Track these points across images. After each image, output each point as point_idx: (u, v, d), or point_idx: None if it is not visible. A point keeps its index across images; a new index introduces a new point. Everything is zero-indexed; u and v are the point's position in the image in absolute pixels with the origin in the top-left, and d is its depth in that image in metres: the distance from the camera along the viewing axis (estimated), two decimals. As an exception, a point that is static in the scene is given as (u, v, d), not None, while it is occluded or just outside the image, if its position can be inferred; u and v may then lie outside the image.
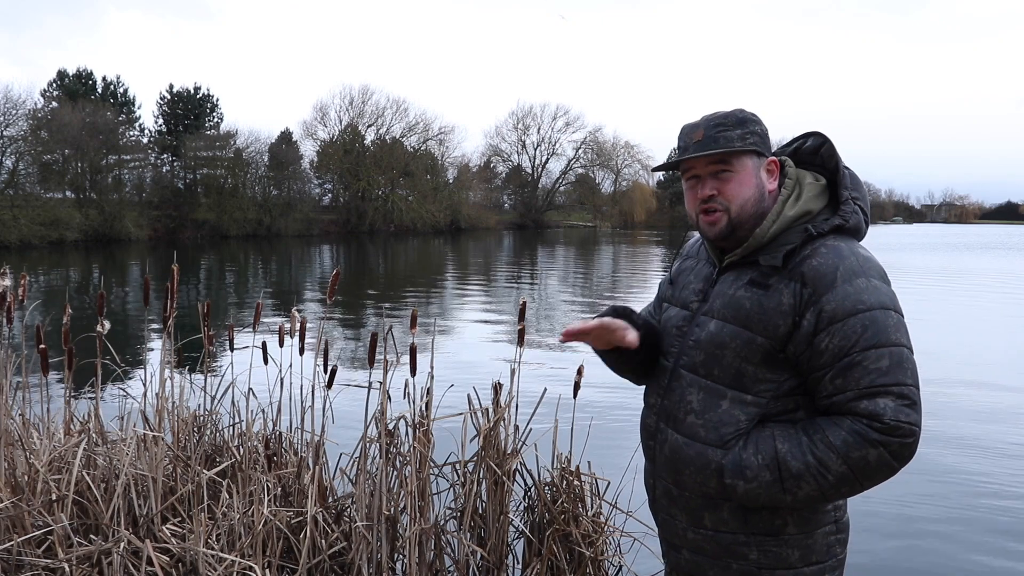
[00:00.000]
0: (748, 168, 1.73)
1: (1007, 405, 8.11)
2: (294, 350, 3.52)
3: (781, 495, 1.63)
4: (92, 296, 16.43)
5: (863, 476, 1.59)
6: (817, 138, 1.82)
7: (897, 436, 1.55)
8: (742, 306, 1.69)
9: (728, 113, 1.75)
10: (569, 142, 78.69)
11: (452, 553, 3.31)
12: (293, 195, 53.75)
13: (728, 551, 1.73)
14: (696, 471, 1.73)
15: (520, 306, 3.39)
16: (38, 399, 3.53)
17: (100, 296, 3.43)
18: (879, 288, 1.63)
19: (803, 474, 1.60)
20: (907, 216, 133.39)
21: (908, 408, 1.57)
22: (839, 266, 1.63)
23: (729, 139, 1.71)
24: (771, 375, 1.68)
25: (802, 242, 1.68)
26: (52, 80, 50.74)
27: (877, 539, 4.72)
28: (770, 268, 1.69)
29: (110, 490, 3.11)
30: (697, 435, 1.73)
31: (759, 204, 1.73)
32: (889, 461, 1.57)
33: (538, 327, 13.03)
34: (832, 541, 1.74)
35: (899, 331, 1.61)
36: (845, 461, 1.57)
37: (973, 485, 5.68)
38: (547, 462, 3.38)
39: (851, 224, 1.72)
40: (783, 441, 1.64)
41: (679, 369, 1.79)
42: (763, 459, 1.64)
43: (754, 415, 1.69)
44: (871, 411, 1.56)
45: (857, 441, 1.57)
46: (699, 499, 1.75)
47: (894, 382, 1.57)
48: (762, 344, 1.66)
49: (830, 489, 1.61)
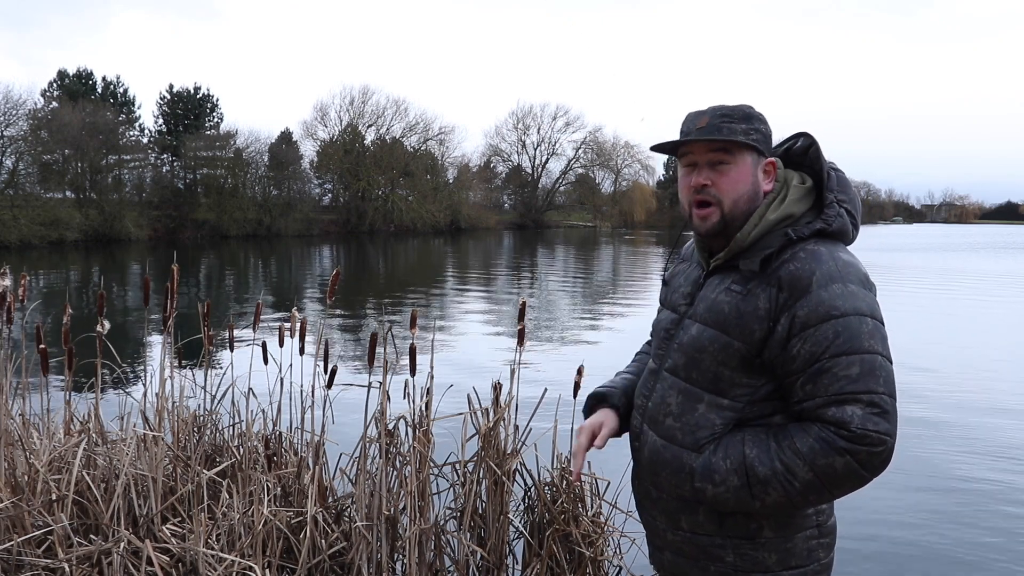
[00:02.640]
0: (747, 163, 1.71)
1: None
2: (294, 350, 3.52)
3: (749, 500, 1.62)
4: (92, 296, 16.44)
5: (830, 484, 1.56)
6: (806, 139, 1.80)
7: (864, 444, 1.52)
8: (721, 310, 1.68)
9: (736, 106, 1.73)
10: (569, 142, 78.77)
11: (452, 553, 3.32)
12: (293, 195, 53.68)
13: (705, 553, 1.72)
14: (672, 474, 1.72)
15: (520, 306, 3.39)
16: (38, 399, 3.53)
17: (100, 296, 3.43)
18: (856, 294, 1.60)
19: (770, 480, 1.58)
20: (907, 216, 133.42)
21: (877, 416, 1.53)
22: (816, 271, 1.60)
23: (733, 131, 1.69)
24: (748, 380, 1.67)
25: (782, 246, 1.66)
26: (52, 80, 50.88)
27: (879, 539, 4.72)
28: (750, 272, 1.67)
29: (110, 490, 3.11)
30: (674, 438, 1.72)
31: (752, 203, 1.71)
32: (857, 469, 1.54)
33: (538, 327, 13.04)
34: (814, 545, 1.71)
35: (873, 338, 1.57)
36: (812, 468, 1.55)
37: (977, 485, 5.68)
38: (547, 462, 3.38)
39: (834, 228, 1.69)
40: (752, 446, 1.62)
41: (663, 371, 1.79)
42: (731, 463, 1.62)
43: (730, 419, 1.68)
44: (838, 418, 1.53)
45: (824, 448, 1.54)
46: (676, 501, 1.75)
47: (864, 389, 1.54)
48: (739, 349, 1.65)
49: (797, 496, 1.58)
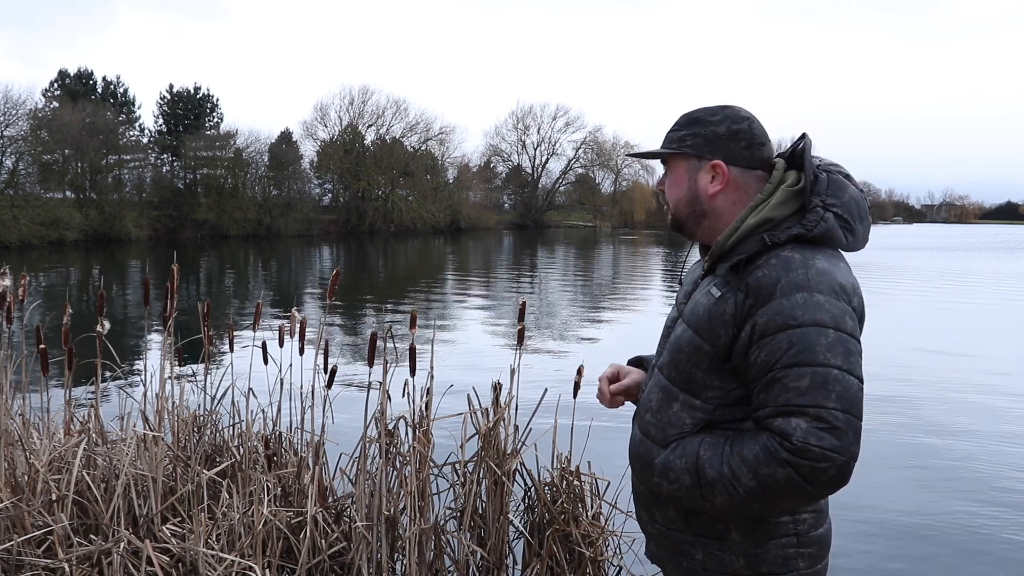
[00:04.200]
0: (680, 170, 1.78)
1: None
2: (294, 350, 3.52)
3: (700, 501, 1.63)
4: (92, 296, 16.44)
5: (772, 494, 1.55)
6: (802, 140, 1.79)
7: (806, 459, 1.49)
8: (698, 312, 1.70)
9: (692, 112, 1.78)
10: (569, 142, 78.77)
11: (452, 553, 3.32)
12: (293, 195, 53.68)
13: (678, 549, 1.75)
14: (643, 468, 1.76)
15: (520, 306, 3.39)
16: (38, 399, 3.54)
17: (100, 296, 3.43)
18: (819, 304, 1.55)
19: (716, 483, 1.59)
20: (907, 216, 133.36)
21: (823, 432, 1.49)
22: (781, 279, 1.58)
23: (669, 139, 1.79)
24: (719, 383, 1.68)
25: (757, 251, 1.64)
26: (53, 80, 50.88)
27: (881, 542, 4.72)
28: (725, 277, 1.67)
29: (110, 490, 3.11)
30: (648, 432, 1.76)
31: (693, 206, 1.77)
32: (799, 482, 1.51)
33: (538, 327, 13.04)
34: (791, 554, 1.68)
35: (832, 351, 1.53)
36: (754, 476, 1.55)
37: (982, 485, 5.68)
38: (547, 462, 3.38)
39: (815, 233, 1.64)
40: (707, 448, 1.63)
41: (655, 368, 1.84)
42: (685, 463, 1.64)
43: (700, 420, 1.69)
44: (782, 429, 1.52)
45: (766, 457, 1.53)
46: (650, 495, 1.79)
47: (811, 403, 1.51)
48: (708, 351, 1.66)
49: (741, 502, 1.58)
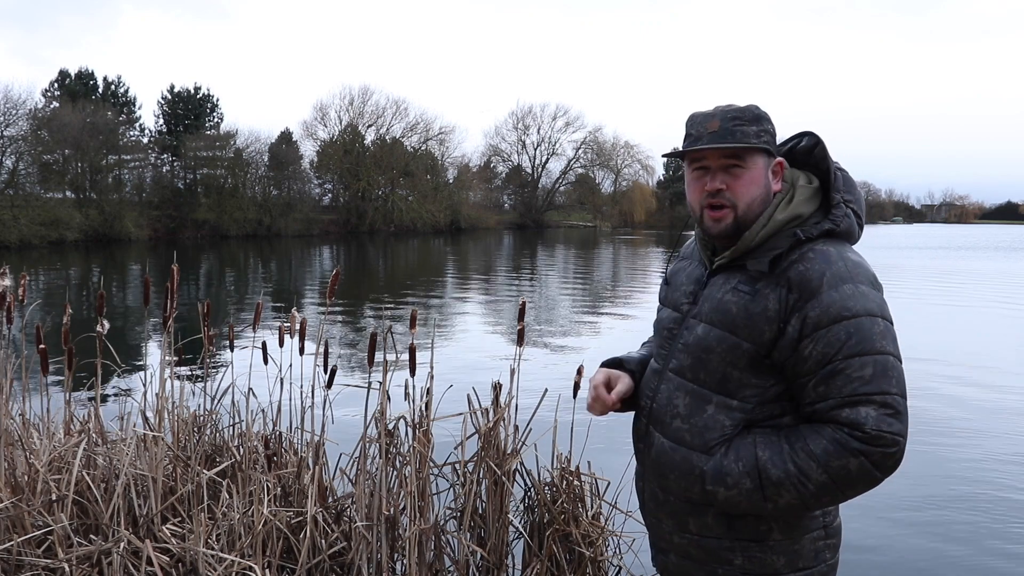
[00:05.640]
0: (760, 166, 1.70)
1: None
2: (294, 350, 3.52)
3: (762, 503, 1.61)
4: (92, 296, 16.43)
5: (844, 485, 1.57)
6: (811, 138, 1.78)
7: (879, 446, 1.53)
8: (729, 311, 1.67)
9: (745, 107, 1.72)
10: (569, 142, 78.79)
11: (452, 553, 3.31)
12: (293, 195, 53.68)
13: (713, 556, 1.72)
14: (680, 476, 1.71)
15: (520, 306, 3.39)
16: (38, 399, 3.53)
17: (100, 296, 3.43)
18: (867, 294, 1.60)
19: (783, 482, 1.58)
20: (907, 216, 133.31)
21: (891, 417, 1.53)
22: (826, 272, 1.60)
23: (746, 134, 1.67)
24: (757, 380, 1.66)
25: (790, 247, 1.66)
26: (53, 80, 50.86)
27: (879, 542, 4.72)
28: (757, 273, 1.66)
29: (110, 490, 3.11)
30: (683, 440, 1.71)
31: (764, 204, 1.70)
32: (870, 471, 1.54)
33: (538, 327, 13.03)
34: (821, 547, 1.71)
35: (885, 339, 1.57)
36: (825, 470, 1.55)
37: (979, 485, 5.68)
38: (547, 462, 3.38)
39: (842, 228, 1.69)
40: (764, 448, 1.62)
41: (667, 372, 1.78)
42: (743, 466, 1.62)
43: (739, 420, 1.67)
44: (852, 420, 1.54)
45: (838, 450, 1.54)
46: (684, 504, 1.74)
47: (877, 391, 1.54)
48: (748, 349, 1.65)
49: (810, 498, 1.59)
